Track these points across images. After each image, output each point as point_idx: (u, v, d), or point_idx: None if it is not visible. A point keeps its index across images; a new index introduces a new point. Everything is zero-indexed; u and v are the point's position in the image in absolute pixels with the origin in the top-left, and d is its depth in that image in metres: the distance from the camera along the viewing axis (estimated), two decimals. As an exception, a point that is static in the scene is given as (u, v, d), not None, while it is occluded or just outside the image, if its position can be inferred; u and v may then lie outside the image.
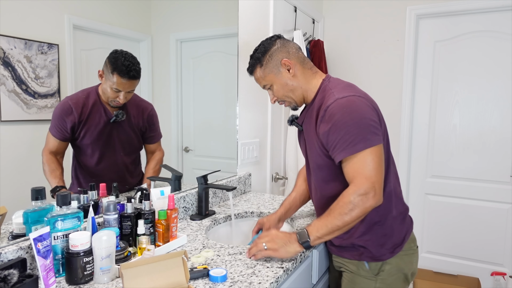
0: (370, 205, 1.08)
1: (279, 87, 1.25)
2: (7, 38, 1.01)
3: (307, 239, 1.12)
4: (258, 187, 2.28)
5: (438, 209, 2.88)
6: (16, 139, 1.05)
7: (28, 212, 1.02)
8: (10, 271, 0.88)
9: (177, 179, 1.61)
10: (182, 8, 1.62)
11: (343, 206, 1.08)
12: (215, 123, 1.92)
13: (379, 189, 1.09)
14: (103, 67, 1.27)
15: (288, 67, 1.22)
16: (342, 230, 1.11)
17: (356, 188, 1.08)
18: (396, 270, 1.24)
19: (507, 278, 2.66)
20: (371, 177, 1.08)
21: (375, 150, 1.10)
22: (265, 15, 2.25)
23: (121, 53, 1.31)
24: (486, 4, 2.58)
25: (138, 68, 1.37)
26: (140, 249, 1.12)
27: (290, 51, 1.24)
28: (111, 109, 1.32)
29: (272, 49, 1.23)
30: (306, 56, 1.28)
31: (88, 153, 1.27)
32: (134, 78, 1.34)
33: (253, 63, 1.27)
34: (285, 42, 1.26)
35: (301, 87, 1.25)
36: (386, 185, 1.20)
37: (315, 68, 1.28)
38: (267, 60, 1.24)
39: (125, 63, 1.30)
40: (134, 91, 1.36)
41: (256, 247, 1.15)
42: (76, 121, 1.21)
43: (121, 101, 1.32)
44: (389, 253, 1.23)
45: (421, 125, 2.90)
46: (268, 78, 1.25)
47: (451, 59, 2.76)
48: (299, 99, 1.28)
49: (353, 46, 3.04)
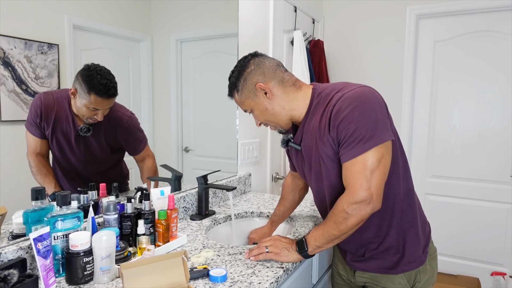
0: (366, 212, 1.00)
1: (259, 112, 1.16)
2: (7, 38, 1.01)
3: (305, 249, 1.10)
4: (258, 187, 2.28)
5: (438, 209, 2.88)
6: (16, 139, 1.05)
7: (28, 212, 1.01)
8: (10, 271, 0.88)
9: (177, 179, 1.61)
10: (182, 8, 1.62)
11: (337, 215, 1.03)
12: (215, 123, 1.92)
13: (376, 195, 1.00)
14: (74, 84, 1.18)
15: (264, 91, 1.12)
16: (341, 238, 1.06)
17: (351, 196, 1.00)
18: (429, 278, 1.19)
19: (507, 278, 2.66)
20: (367, 184, 0.99)
21: (382, 148, 1.00)
22: (265, 15, 2.25)
23: (95, 70, 1.21)
24: (486, 4, 2.58)
25: (116, 84, 1.27)
26: (140, 249, 1.12)
27: (266, 72, 1.12)
28: (80, 121, 1.23)
29: (246, 72, 1.13)
30: (286, 71, 1.16)
31: (56, 159, 1.20)
32: (113, 96, 1.26)
33: (230, 87, 1.19)
34: (260, 61, 1.14)
35: (284, 107, 1.14)
36: (408, 183, 1.15)
37: (299, 81, 1.17)
38: (242, 85, 1.14)
39: (102, 82, 1.21)
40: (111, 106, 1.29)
41: (258, 249, 1.15)
42: (40, 120, 1.13)
43: (100, 119, 1.25)
44: (423, 255, 1.16)
45: (421, 125, 2.90)
46: (246, 103, 1.16)
47: (451, 59, 2.76)
48: (284, 122, 1.17)
49: (353, 46, 3.04)
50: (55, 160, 1.19)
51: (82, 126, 1.23)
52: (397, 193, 1.12)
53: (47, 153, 1.16)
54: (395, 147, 1.10)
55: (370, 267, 1.19)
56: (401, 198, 1.13)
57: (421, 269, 1.17)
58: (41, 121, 1.13)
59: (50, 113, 1.15)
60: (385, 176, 1.03)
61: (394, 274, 1.16)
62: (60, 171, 1.20)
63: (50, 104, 1.14)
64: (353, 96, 1.02)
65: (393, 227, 1.14)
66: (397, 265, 1.15)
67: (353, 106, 1.00)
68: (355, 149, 1.00)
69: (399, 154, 1.13)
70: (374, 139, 0.99)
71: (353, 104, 1.00)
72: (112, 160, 1.36)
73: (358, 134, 0.99)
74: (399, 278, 1.16)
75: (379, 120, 1.00)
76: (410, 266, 1.15)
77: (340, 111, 1.01)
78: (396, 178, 1.11)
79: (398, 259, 1.15)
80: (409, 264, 1.15)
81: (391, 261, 1.16)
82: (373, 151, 0.99)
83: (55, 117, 1.16)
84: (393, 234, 1.14)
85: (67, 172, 1.22)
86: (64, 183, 1.21)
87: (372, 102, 1.02)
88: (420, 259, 1.16)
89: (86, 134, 1.24)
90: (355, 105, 1.00)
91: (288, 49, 2.57)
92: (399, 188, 1.13)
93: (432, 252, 1.23)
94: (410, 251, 1.15)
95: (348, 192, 1.02)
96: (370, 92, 1.05)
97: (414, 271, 1.16)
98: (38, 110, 1.11)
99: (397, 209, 1.13)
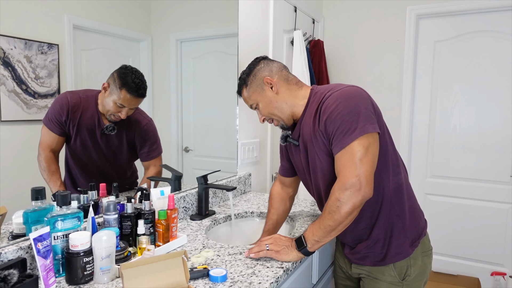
0: (358, 199, 1.05)
1: (264, 105, 1.26)
2: (7, 38, 1.01)
3: (304, 245, 1.12)
4: (258, 187, 2.28)
5: (438, 209, 2.88)
6: (16, 139, 1.05)
7: (28, 212, 1.01)
8: (10, 271, 0.88)
9: (177, 179, 1.61)
10: (182, 8, 1.62)
11: (331, 204, 1.08)
12: (215, 123, 1.92)
13: (366, 181, 1.05)
14: (108, 80, 1.27)
15: (270, 84, 1.23)
16: (337, 230, 1.09)
17: (341, 183, 1.06)
18: (419, 274, 1.24)
19: (507, 278, 2.66)
20: (356, 170, 1.04)
21: (367, 138, 1.06)
22: (265, 15, 2.25)
23: (131, 70, 1.31)
24: (486, 4, 2.58)
25: (146, 86, 1.38)
26: (140, 249, 1.12)
27: (273, 70, 1.25)
28: (105, 120, 1.31)
29: (256, 69, 1.26)
30: (290, 74, 1.29)
31: (76, 155, 1.24)
32: (142, 96, 1.35)
33: (239, 84, 1.30)
34: (269, 62, 1.28)
35: (286, 102, 1.24)
36: (398, 178, 1.21)
37: (301, 82, 1.29)
38: (251, 80, 1.26)
39: (136, 81, 1.31)
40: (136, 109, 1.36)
41: (258, 247, 1.16)
42: (66, 118, 1.19)
43: (123, 117, 1.31)
44: (410, 248, 1.22)
45: (421, 125, 2.90)
46: (253, 97, 1.27)
47: (451, 59, 2.76)
48: (286, 116, 1.26)
49: (353, 46, 3.04)
50: (73, 157, 1.23)
51: (108, 125, 1.31)
52: (386, 187, 1.19)
53: (59, 151, 1.19)
54: (384, 141, 1.17)
55: (363, 262, 1.27)
56: (390, 192, 1.20)
57: (412, 263, 1.23)
58: (67, 119, 1.19)
59: (76, 111, 1.21)
60: (373, 164, 1.09)
61: (384, 266, 1.24)
62: (79, 168, 1.25)
63: (77, 103, 1.21)
64: (340, 93, 1.12)
65: (381, 219, 1.21)
66: (385, 257, 1.23)
67: (339, 102, 1.10)
68: (343, 141, 1.08)
69: (389, 149, 1.20)
70: (358, 130, 1.06)
71: (339, 101, 1.10)
72: (129, 158, 1.44)
73: (344, 127, 1.07)
74: (389, 270, 1.23)
75: (362, 113, 1.08)
76: (397, 257, 1.22)
77: (328, 107, 1.11)
78: (386, 172, 1.18)
79: (386, 251, 1.22)
80: (396, 255, 1.22)
81: (381, 254, 1.23)
82: (359, 140, 1.06)
83: (81, 116, 1.23)
84: (380, 225, 1.21)
85: (86, 167, 1.27)
86: (79, 179, 1.25)
87: (356, 98, 1.11)
88: (406, 251, 1.22)
89: (111, 132, 1.32)
90: (340, 101, 1.10)
91: (288, 49, 2.57)
92: (388, 182, 1.19)
93: (427, 249, 1.28)
94: (397, 243, 1.21)
95: (339, 180, 1.08)
96: (356, 90, 1.14)
97: (405, 265, 1.22)
98: (64, 108, 1.17)
99: (386, 202, 1.20)
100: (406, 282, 1.23)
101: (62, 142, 1.19)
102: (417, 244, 1.24)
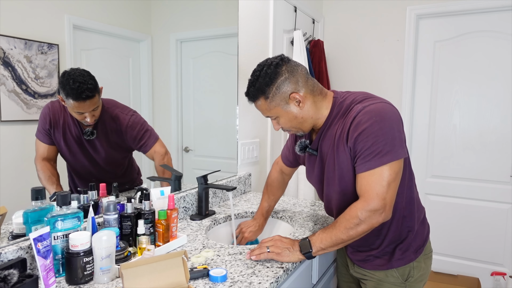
0: (377, 221, 1.06)
1: (287, 120, 1.15)
2: (7, 38, 1.01)
3: (309, 250, 1.12)
4: (258, 187, 2.28)
5: (438, 209, 2.88)
6: (16, 139, 1.05)
7: (28, 212, 1.01)
8: (10, 271, 0.88)
9: (177, 179, 1.61)
10: (182, 8, 1.62)
11: (349, 220, 1.06)
12: (215, 123, 1.92)
13: (389, 206, 1.06)
14: (60, 92, 1.18)
15: (298, 101, 1.12)
16: (345, 243, 1.10)
17: (366, 203, 1.04)
18: (421, 274, 1.25)
19: (507, 278, 2.66)
20: (383, 194, 1.04)
21: (397, 164, 1.05)
22: (265, 15, 2.25)
23: (68, 75, 1.18)
24: (486, 4, 2.58)
25: (90, 85, 1.22)
26: (140, 249, 1.12)
27: (300, 81, 1.11)
28: (84, 125, 1.27)
29: (279, 81, 1.09)
30: (313, 79, 1.17)
31: (69, 162, 1.24)
32: (88, 98, 1.23)
33: (255, 93, 1.13)
34: (293, 68, 1.11)
35: (312, 117, 1.15)
36: (411, 192, 1.21)
37: (324, 90, 1.19)
38: (273, 93, 1.10)
39: (73, 86, 1.19)
40: (98, 107, 1.27)
41: (259, 249, 1.16)
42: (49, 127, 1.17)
43: (90, 121, 1.26)
44: (413, 254, 1.23)
45: (421, 125, 2.90)
46: (274, 111, 1.14)
47: (451, 59, 2.76)
48: (307, 127, 1.19)
49: (353, 46, 3.04)
50: (68, 163, 1.24)
51: (86, 130, 1.27)
52: (400, 202, 1.18)
53: (54, 158, 1.19)
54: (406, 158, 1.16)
55: (365, 265, 1.28)
56: (403, 205, 1.20)
57: (415, 266, 1.23)
58: (51, 127, 1.17)
59: (58, 119, 1.19)
60: (397, 188, 1.09)
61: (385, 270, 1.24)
62: (74, 173, 1.25)
63: (57, 111, 1.18)
64: (374, 110, 1.06)
65: (391, 232, 1.21)
66: (388, 263, 1.24)
67: (373, 120, 1.05)
68: (372, 162, 1.05)
69: (407, 165, 1.19)
70: (391, 155, 1.04)
71: (373, 119, 1.05)
72: (123, 157, 1.41)
73: (376, 147, 1.04)
74: (392, 271, 1.24)
75: (396, 137, 1.06)
76: (400, 263, 1.23)
77: (360, 124, 1.06)
78: (402, 187, 1.17)
79: (389, 257, 1.24)
80: (399, 261, 1.23)
81: (384, 261, 1.24)
82: (390, 165, 1.04)
83: (63, 123, 1.21)
84: (390, 237, 1.22)
85: (81, 175, 1.26)
86: (79, 184, 1.25)
87: (391, 119, 1.07)
88: (410, 257, 1.23)
89: (90, 137, 1.28)
90: (375, 119, 1.05)
91: (288, 49, 2.57)
92: (402, 197, 1.18)
93: (428, 252, 1.29)
94: (402, 252, 1.23)
95: (364, 200, 1.06)
96: (390, 108, 1.09)
97: (408, 267, 1.23)
98: (47, 117, 1.15)
99: (399, 215, 1.20)
100: (408, 283, 1.23)
101: (54, 151, 1.19)
102: (421, 251, 1.25)
